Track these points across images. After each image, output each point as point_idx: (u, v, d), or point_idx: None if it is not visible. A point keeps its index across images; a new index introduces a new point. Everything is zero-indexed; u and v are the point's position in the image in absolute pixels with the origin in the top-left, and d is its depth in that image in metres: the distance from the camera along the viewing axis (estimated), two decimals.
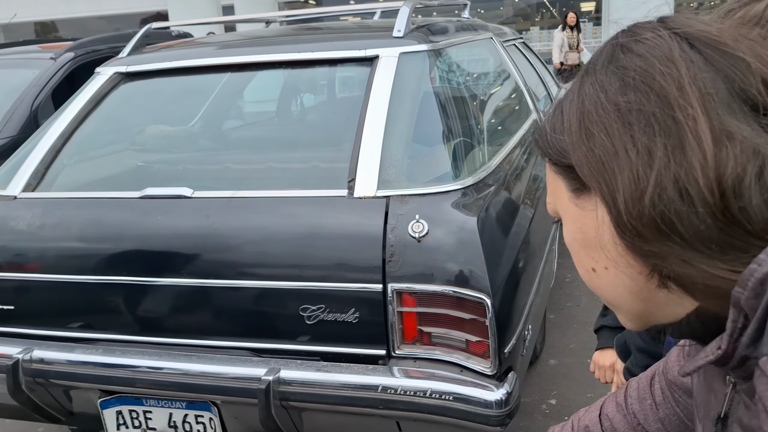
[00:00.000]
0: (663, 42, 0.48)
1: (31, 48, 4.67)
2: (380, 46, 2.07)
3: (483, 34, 2.91)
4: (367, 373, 1.63)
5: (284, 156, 2.23)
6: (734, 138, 0.44)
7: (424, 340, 1.65)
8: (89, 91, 2.28)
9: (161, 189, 1.88)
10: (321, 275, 1.67)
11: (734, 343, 0.46)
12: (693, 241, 0.46)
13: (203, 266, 1.77)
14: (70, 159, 2.16)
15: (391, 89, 1.92)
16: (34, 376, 1.88)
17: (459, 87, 2.22)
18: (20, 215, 1.96)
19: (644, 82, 0.47)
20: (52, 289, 1.90)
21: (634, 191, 0.47)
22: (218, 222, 1.78)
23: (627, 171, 0.47)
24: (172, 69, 2.25)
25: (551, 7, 15.85)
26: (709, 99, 0.45)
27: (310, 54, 2.13)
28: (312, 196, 1.78)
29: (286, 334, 1.74)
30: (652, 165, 0.46)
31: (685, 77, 0.46)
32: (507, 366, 1.61)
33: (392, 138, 1.83)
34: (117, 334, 1.88)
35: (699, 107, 0.45)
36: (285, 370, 1.67)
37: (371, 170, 1.76)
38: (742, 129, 0.44)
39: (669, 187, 0.45)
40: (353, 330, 1.67)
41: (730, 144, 0.44)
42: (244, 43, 2.33)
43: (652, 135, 0.46)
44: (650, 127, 0.46)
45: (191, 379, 1.75)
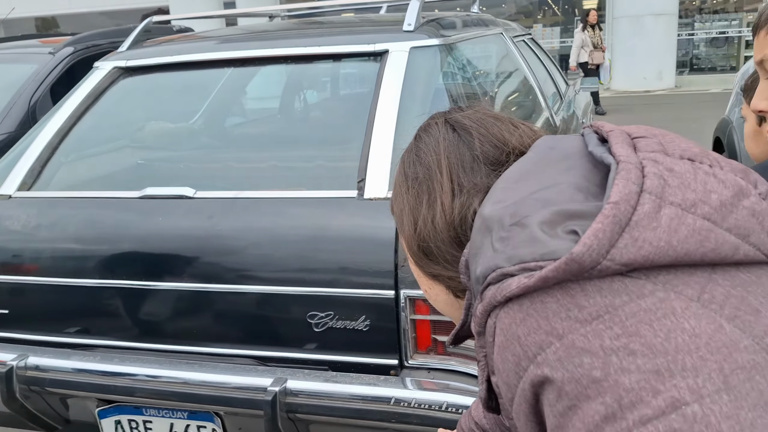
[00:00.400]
0: (437, 129, 0.74)
1: (30, 42, 4.58)
2: (390, 40, 1.98)
3: (493, 29, 2.82)
4: (379, 385, 1.55)
5: (289, 155, 2.15)
6: (464, 189, 0.69)
7: (439, 349, 1.57)
8: (87, 86, 2.19)
9: (162, 189, 1.80)
10: (330, 280, 1.59)
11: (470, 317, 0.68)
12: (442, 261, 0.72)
13: (205, 270, 1.68)
14: (67, 157, 2.08)
15: (402, 85, 1.84)
16: (28, 384, 1.80)
17: (471, 83, 2.13)
18: (15, 215, 1.88)
19: (419, 158, 0.74)
20: (48, 292, 1.82)
21: (412, 232, 0.73)
22: (221, 223, 1.70)
23: (407, 218, 0.74)
24: (173, 64, 2.17)
25: (553, 4, 15.73)
26: (453, 165, 0.70)
27: (317, 48, 2.04)
28: (320, 197, 1.69)
29: (292, 342, 1.66)
30: (418, 213, 0.72)
31: (443, 152, 0.72)
32: None
33: (404, 136, 1.74)
34: (115, 340, 1.80)
35: (446, 173, 0.70)
36: (292, 380, 1.59)
37: (382, 170, 1.68)
38: (475, 180, 0.69)
39: (427, 227, 0.71)
40: (363, 338, 1.59)
41: (460, 194, 0.69)
42: (247, 38, 2.25)
43: (420, 193, 0.72)
44: (420, 188, 0.72)
45: (193, 389, 1.67)
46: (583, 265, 0.52)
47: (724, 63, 14.53)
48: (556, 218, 0.56)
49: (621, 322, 0.50)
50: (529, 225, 0.56)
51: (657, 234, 0.52)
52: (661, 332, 0.50)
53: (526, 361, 0.54)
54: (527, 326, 0.54)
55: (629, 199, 0.53)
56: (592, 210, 0.55)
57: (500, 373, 0.59)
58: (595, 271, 0.52)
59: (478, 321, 0.60)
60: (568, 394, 0.51)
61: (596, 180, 0.59)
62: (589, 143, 0.62)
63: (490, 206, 0.62)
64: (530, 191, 0.60)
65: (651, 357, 0.49)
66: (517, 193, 0.60)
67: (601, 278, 0.53)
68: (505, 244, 0.57)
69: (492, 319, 0.58)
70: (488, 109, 0.77)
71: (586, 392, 0.50)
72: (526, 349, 0.54)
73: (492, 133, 0.72)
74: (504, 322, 0.56)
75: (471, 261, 0.63)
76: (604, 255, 0.52)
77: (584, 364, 0.50)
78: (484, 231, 0.61)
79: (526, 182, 0.62)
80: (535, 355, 0.53)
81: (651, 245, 0.52)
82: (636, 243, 0.52)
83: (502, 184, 0.64)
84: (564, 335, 0.52)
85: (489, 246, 0.59)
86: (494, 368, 0.60)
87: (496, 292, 0.56)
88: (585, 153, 0.62)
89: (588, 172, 0.60)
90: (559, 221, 0.55)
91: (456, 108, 0.77)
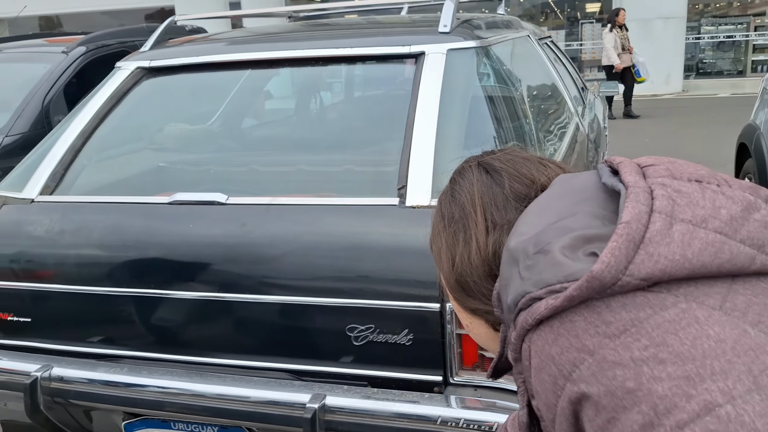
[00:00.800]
0: (471, 172, 0.79)
1: (38, 42, 4.52)
2: (426, 42, 1.92)
3: (521, 31, 2.76)
4: (424, 402, 1.48)
5: (322, 159, 2.08)
6: (497, 225, 0.74)
7: (486, 365, 1.50)
8: (110, 86, 2.12)
9: (192, 194, 1.73)
10: (370, 291, 1.52)
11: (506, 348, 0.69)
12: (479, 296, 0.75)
13: (238, 279, 1.62)
14: (91, 159, 2.01)
15: (440, 88, 1.77)
16: (53, 396, 1.73)
17: (508, 87, 2.06)
18: (38, 220, 1.81)
19: (455, 199, 0.78)
20: (72, 300, 1.75)
21: (450, 269, 0.77)
22: (255, 231, 1.63)
23: (445, 255, 0.77)
24: (199, 64, 2.10)
25: (556, 8, 15.66)
26: (487, 204, 0.75)
27: (350, 50, 1.98)
28: (359, 204, 1.63)
29: (329, 356, 1.59)
30: (455, 250, 0.76)
31: (476, 193, 0.76)
32: None
33: (445, 142, 1.68)
34: (142, 351, 1.73)
35: (480, 211, 0.75)
36: (331, 396, 1.52)
37: (424, 177, 1.61)
38: (508, 217, 0.73)
39: (464, 264, 0.75)
40: (406, 353, 1.52)
41: (493, 231, 0.73)
42: (275, 38, 2.18)
43: (457, 231, 0.76)
44: (457, 227, 0.76)
45: (226, 404, 1.60)
46: (604, 282, 0.55)
47: (730, 67, 14.46)
48: (576, 243, 0.60)
49: (648, 334, 0.53)
50: (552, 251, 0.60)
51: (671, 248, 0.55)
52: (687, 340, 0.52)
53: (562, 379, 0.57)
54: (559, 345, 0.57)
55: (640, 219, 0.56)
56: (608, 233, 0.58)
57: (539, 396, 0.61)
58: (616, 287, 0.55)
59: (514, 347, 0.64)
60: (605, 407, 0.53)
61: (611, 207, 0.63)
62: (603, 175, 0.67)
63: (514, 239, 0.66)
64: (550, 222, 0.64)
65: (680, 364, 0.51)
66: (538, 225, 0.65)
67: (624, 294, 0.56)
68: (531, 271, 0.61)
69: (526, 344, 0.62)
70: (518, 151, 0.82)
71: (622, 403, 0.52)
72: (561, 368, 0.57)
73: (521, 173, 0.77)
74: (537, 344, 0.60)
75: (502, 292, 0.67)
76: (622, 271, 0.55)
77: (617, 377, 0.53)
78: (511, 262, 0.65)
79: (546, 215, 0.66)
80: (570, 373, 0.56)
81: (666, 259, 0.55)
82: (652, 258, 0.55)
83: (524, 218, 0.69)
84: (595, 351, 0.55)
85: (516, 275, 0.63)
86: (534, 392, 0.63)
87: (527, 316, 0.60)
88: (599, 185, 0.67)
89: (603, 201, 0.64)
90: (579, 245, 0.59)
91: (488, 152, 0.83)
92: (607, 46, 9.61)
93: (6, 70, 3.81)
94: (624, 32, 9.65)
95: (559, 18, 15.44)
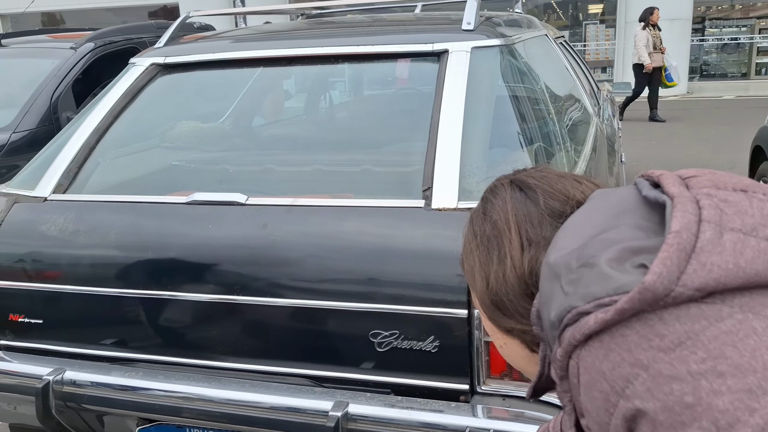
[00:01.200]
0: (503, 190, 0.77)
1: (45, 37, 4.47)
2: (449, 40, 1.87)
3: (540, 30, 2.71)
4: (450, 412, 1.43)
5: (344, 158, 2.03)
6: (533, 243, 0.72)
7: (515, 374, 1.46)
8: (125, 83, 2.08)
9: (211, 194, 1.68)
10: (395, 296, 1.48)
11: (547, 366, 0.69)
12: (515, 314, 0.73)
13: (258, 282, 1.57)
14: (105, 157, 1.97)
15: (465, 87, 1.72)
16: (65, 400, 1.68)
17: (532, 87, 2.02)
18: (51, 219, 1.77)
19: (488, 216, 0.76)
20: (86, 302, 1.71)
21: (484, 288, 0.75)
22: (276, 232, 1.59)
23: (478, 274, 0.76)
24: (216, 61, 2.05)
25: (559, 9, 15.61)
26: (521, 221, 0.73)
27: (371, 47, 1.93)
28: (383, 206, 1.58)
29: (351, 362, 1.54)
30: (489, 269, 0.74)
31: (510, 210, 0.74)
32: None
33: (471, 142, 1.63)
34: (158, 354, 1.68)
35: (514, 228, 0.73)
36: (354, 404, 1.48)
37: (450, 178, 1.56)
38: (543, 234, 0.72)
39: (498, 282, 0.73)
40: (431, 360, 1.47)
41: (529, 248, 0.72)
42: (294, 35, 2.14)
43: (490, 250, 0.74)
44: (490, 245, 0.74)
45: (244, 410, 1.55)
46: (657, 294, 0.53)
47: (734, 70, 14.43)
48: (623, 255, 0.58)
49: (704, 346, 0.51)
50: (598, 264, 0.58)
51: (724, 257, 0.54)
52: (746, 352, 0.50)
53: (615, 396, 0.55)
54: (611, 361, 0.55)
55: (690, 228, 0.55)
56: (656, 244, 0.57)
57: (590, 414, 0.59)
58: (669, 298, 0.53)
59: (560, 364, 0.62)
60: (663, 423, 0.51)
61: (655, 219, 0.61)
62: (642, 189, 0.65)
63: (554, 254, 0.64)
64: (591, 235, 0.62)
65: (741, 377, 0.49)
66: (578, 239, 0.63)
67: (677, 306, 0.54)
68: (576, 285, 0.59)
69: (574, 360, 0.60)
70: (551, 169, 0.81)
71: (680, 419, 0.50)
72: (613, 384, 0.55)
73: (556, 189, 0.75)
74: (587, 360, 0.58)
75: (542, 309, 0.65)
76: (675, 282, 0.53)
77: (675, 391, 0.51)
78: (552, 278, 0.63)
79: (586, 229, 0.64)
80: (623, 389, 0.54)
81: (720, 268, 0.53)
82: (704, 267, 0.53)
83: (563, 233, 0.67)
84: (649, 365, 0.53)
85: (559, 291, 0.61)
86: (583, 410, 0.60)
87: (575, 331, 0.58)
88: (639, 198, 0.65)
89: (646, 213, 0.62)
90: (626, 257, 0.58)
91: (520, 170, 0.82)
92: (638, 45, 9.32)
93: (13, 66, 3.77)
94: (657, 32, 9.35)
95: (562, 19, 15.38)
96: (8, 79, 3.71)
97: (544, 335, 0.67)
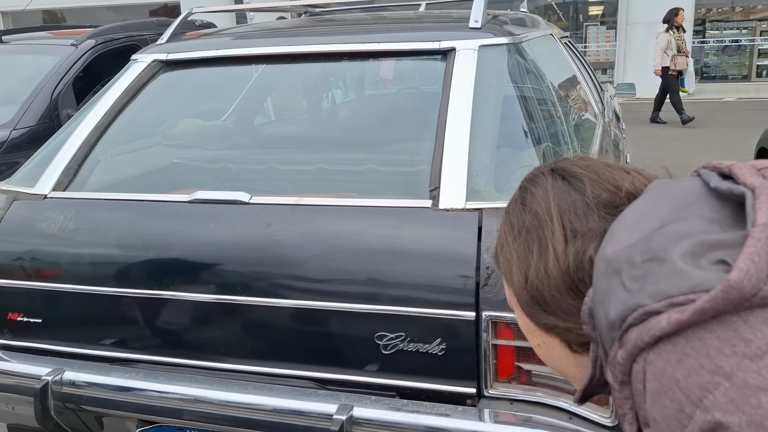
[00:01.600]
0: (544, 179, 0.73)
1: (45, 34, 4.44)
2: (456, 38, 1.85)
3: (546, 29, 2.68)
4: (456, 416, 1.40)
5: (348, 158, 2.00)
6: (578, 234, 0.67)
7: (523, 378, 1.43)
8: (126, 79, 2.05)
9: (214, 193, 1.66)
10: (401, 298, 1.45)
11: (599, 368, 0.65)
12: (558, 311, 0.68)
13: (261, 282, 1.54)
14: (106, 155, 1.94)
15: (473, 86, 1.70)
16: (64, 401, 1.65)
17: (540, 86, 1.99)
18: (51, 217, 1.74)
19: (527, 207, 0.72)
20: (86, 301, 1.68)
21: (522, 282, 0.70)
22: (280, 232, 1.56)
23: (516, 268, 0.71)
24: (219, 58, 2.02)
25: (559, 10, 15.59)
26: (565, 211, 0.68)
27: (377, 45, 1.90)
28: (390, 206, 1.55)
29: (356, 364, 1.52)
30: (528, 263, 0.69)
31: (552, 200, 0.70)
32: None
33: (478, 142, 1.61)
34: (159, 355, 1.65)
35: (557, 219, 0.68)
36: (359, 407, 1.45)
37: (458, 178, 1.54)
38: (590, 225, 0.67)
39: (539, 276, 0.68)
40: (438, 363, 1.45)
41: (573, 240, 0.67)
42: (298, 32, 2.11)
43: (529, 242, 0.69)
44: (529, 237, 0.70)
45: (247, 413, 1.52)
46: (743, 293, 0.48)
47: (735, 71, 14.42)
48: (698, 249, 0.53)
49: None
50: (669, 258, 0.53)
51: None
52: None
53: (690, 406, 0.50)
54: (686, 367, 0.50)
55: None
56: (736, 238, 0.52)
57: (657, 424, 0.54)
58: (756, 298, 0.49)
59: (621, 368, 0.57)
60: None
61: (727, 212, 0.57)
62: (711, 180, 0.61)
63: (611, 248, 0.59)
64: (654, 227, 0.58)
65: None
66: (640, 231, 0.58)
67: (763, 307, 0.49)
68: (643, 282, 0.54)
69: (639, 364, 0.54)
70: (596, 159, 0.76)
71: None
72: (689, 393, 0.50)
73: (604, 178, 0.70)
74: (656, 365, 0.53)
75: (596, 307, 0.60)
76: (764, 280, 0.48)
77: (764, 405, 0.46)
78: (610, 273, 0.58)
79: (647, 220, 0.60)
80: (701, 399, 0.49)
81: None
82: None
83: (619, 225, 0.62)
84: (733, 373, 0.48)
85: (619, 287, 0.56)
86: (648, 419, 0.55)
87: (642, 332, 0.53)
88: (705, 190, 0.61)
89: (715, 205, 0.58)
90: (702, 252, 0.53)
91: (561, 159, 0.76)
92: (656, 47, 9.09)
93: (14, 62, 3.74)
94: (681, 34, 9.10)
95: (562, 20, 15.36)
96: (9, 75, 3.68)
97: (597, 335, 0.62)
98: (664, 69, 9.14)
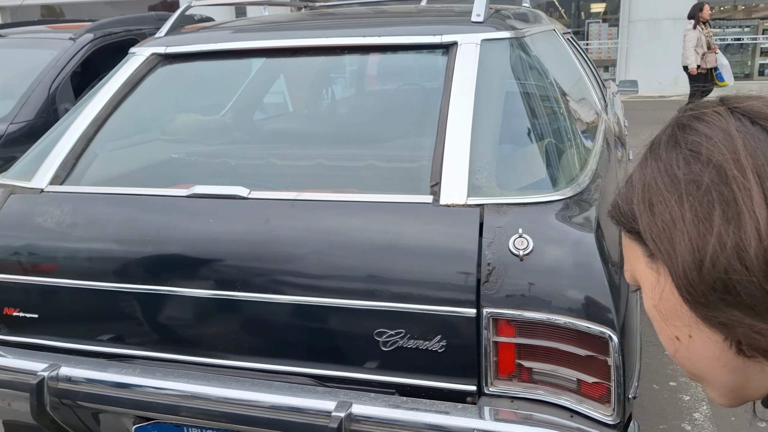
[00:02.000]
0: (722, 119, 0.53)
1: (44, 28, 4.42)
2: (458, 31, 1.82)
3: (548, 25, 2.66)
4: (456, 414, 1.39)
5: (348, 153, 1.99)
6: None
7: (523, 376, 1.41)
8: (124, 73, 2.03)
9: (213, 188, 1.64)
10: (401, 294, 1.44)
11: None
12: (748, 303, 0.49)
13: (261, 278, 1.53)
14: (104, 149, 1.92)
15: (475, 80, 1.68)
16: (60, 397, 1.64)
17: (542, 81, 1.97)
18: (47, 211, 1.72)
19: (700, 154, 0.52)
20: (83, 296, 1.67)
21: (694, 258, 0.51)
22: (279, 227, 1.54)
23: (685, 239, 0.51)
24: (218, 51, 2.00)
25: (561, 7, 15.55)
26: (763, 169, 0.49)
27: (378, 39, 1.88)
28: (390, 202, 1.53)
29: (355, 361, 1.50)
30: (709, 233, 0.50)
31: (741, 150, 0.50)
32: (629, 413, 1.37)
33: (480, 137, 1.59)
34: (156, 351, 1.64)
35: (753, 178, 0.49)
36: (357, 404, 1.43)
37: (459, 173, 1.52)
38: None
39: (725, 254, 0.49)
40: (438, 360, 1.43)
41: None
42: (299, 26, 2.09)
43: (710, 205, 0.50)
44: (708, 197, 0.50)
45: (244, 410, 1.51)
46: None
47: (737, 70, 14.37)
48: None
49: None
50: None
51: None
52: None
53: None
54: None
55: None
56: None
57: None
58: None
59: None
60: None
61: None
62: None
63: None
64: None
65: None
66: None
67: None
68: None
69: None
70: None
71: None
72: None
73: None
74: None
75: None
76: None
77: None
78: None
79: None
80: None
81: None
82: None
83: None
84: None
85: None
86: None
87: None
88: None
89: None
90: None
91: (733, 96, 0.56)
92: (687, 46, 8.48)
93: (11, 56, 3.72)
94: (708, 29, 8.48)
95: (564, 17, 15.32)
96: (6, 69, 3.66)
97: None
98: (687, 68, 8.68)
